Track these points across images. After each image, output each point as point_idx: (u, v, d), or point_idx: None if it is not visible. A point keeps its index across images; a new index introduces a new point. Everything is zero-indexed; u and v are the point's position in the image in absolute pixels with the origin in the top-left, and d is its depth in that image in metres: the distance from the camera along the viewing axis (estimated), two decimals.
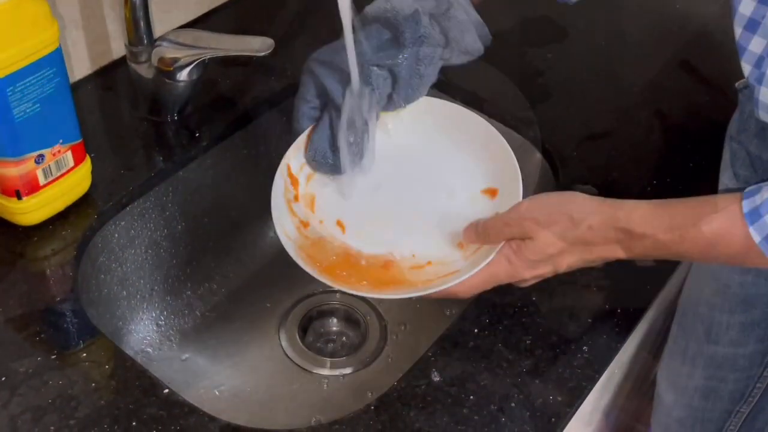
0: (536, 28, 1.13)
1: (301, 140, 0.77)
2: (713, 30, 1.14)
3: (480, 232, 0.72)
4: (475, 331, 0.76)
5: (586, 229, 0.67)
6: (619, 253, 0.68)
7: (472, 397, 0.71)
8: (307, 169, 0.77)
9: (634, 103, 1.03)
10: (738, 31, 0.69)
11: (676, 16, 1.17)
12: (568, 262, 0.69)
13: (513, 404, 0.71)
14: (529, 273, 0.70)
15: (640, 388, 1.42)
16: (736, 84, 0.82)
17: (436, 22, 0.77)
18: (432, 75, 0.78)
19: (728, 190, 0.85)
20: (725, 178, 0.86)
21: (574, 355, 0.75)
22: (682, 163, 0.94)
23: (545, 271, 0.70)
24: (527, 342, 0.75)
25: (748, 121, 0.80)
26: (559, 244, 0.68)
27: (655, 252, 0.67)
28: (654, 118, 1.01)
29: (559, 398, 0.72)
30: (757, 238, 0.63)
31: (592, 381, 0.74)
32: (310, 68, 0.76)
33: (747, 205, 0.63)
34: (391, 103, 0.78)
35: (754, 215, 0.63)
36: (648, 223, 0.66)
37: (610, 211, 0.67)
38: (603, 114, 1.01)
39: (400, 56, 0.75)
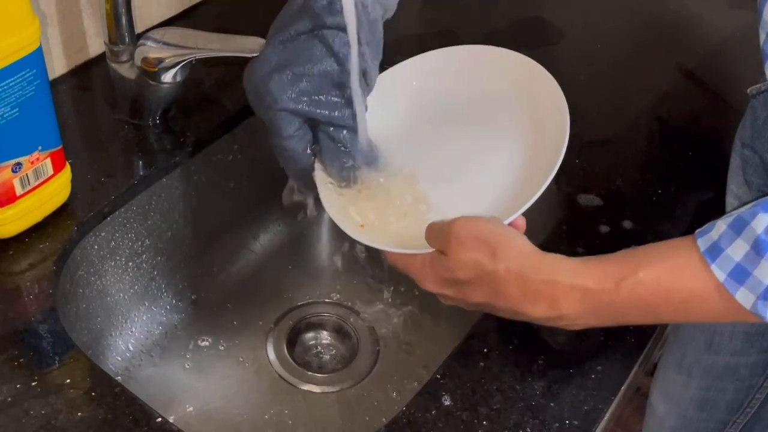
0: (529, 30, 1.10)
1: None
2: (709, 33, 1.12)
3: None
4: (485, 350, 0.72)
5: (503, 271, 0.60)
6: (539, 310, 0.60)
7: (485, 422, 0.67)
8: None
9: (633, 108, 1.00)
10: (762, 36, 0.66)
11: (670, 19, 1.14)
12: (476, 298, 0.62)
13: (528, 429, 0.67)
14: (434, 287, 0.64)
15: (623, 396, 1.40)
16: (748, 90, 0.79)
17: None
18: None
19: (738, 199, 0.83)
20: (734, 186, 0.83)
21: (588, 376, 0.72)
22: (686, 170, 0.92)
23: (452, 294, 0.63)
24: (539, 362, 0.72)
25: (763, 128, 0.77)
26: (468, 273, 0.61)
27: (587, 307, 0.59)
28: (654, 123, 0.98)
29: (576, 422, 0.68)
30: (721, 276, 0.55)
31: (608, 403, 0.71)
32: (284, 108, 0.67)
33: (703, 243, 0.56)
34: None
35: (714, 251, 0.55)
36: (577, 274, 0.58)
37: (535, 259, 0.60)
38: (601, 119, 0.98)
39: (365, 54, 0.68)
